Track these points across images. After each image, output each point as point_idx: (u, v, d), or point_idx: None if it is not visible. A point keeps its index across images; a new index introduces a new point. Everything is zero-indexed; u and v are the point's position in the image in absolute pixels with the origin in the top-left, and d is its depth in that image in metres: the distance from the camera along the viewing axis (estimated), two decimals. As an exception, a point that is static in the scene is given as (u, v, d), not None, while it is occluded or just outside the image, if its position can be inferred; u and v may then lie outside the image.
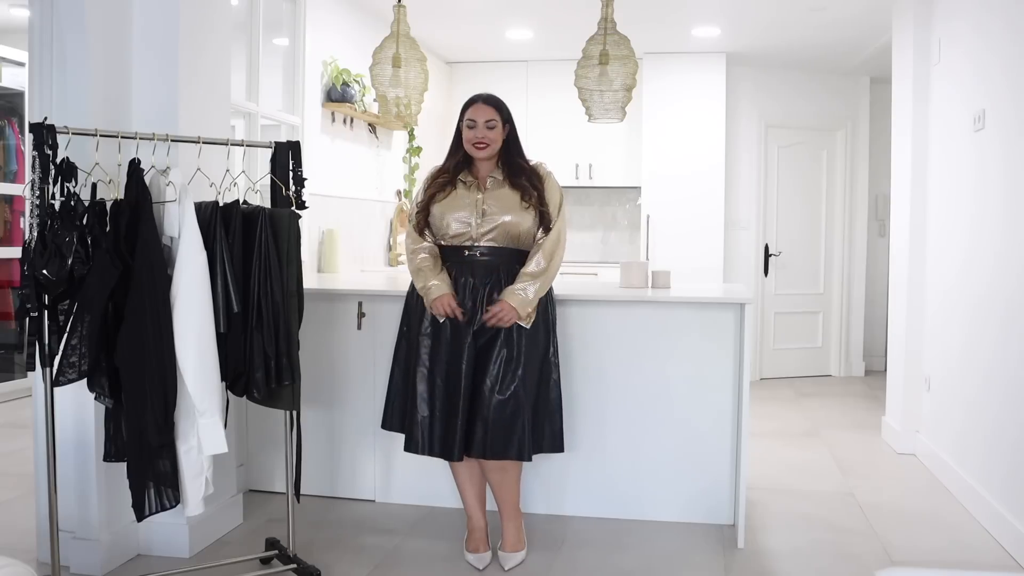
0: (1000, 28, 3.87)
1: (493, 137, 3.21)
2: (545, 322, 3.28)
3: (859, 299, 7.71)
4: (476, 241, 3.19)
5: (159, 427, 2.75)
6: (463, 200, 3.21)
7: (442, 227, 3.22)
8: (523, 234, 3.20)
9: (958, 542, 3.63)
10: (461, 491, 3.38)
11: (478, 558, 3.29)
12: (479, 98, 3.27)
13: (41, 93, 3.10)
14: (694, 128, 7.18)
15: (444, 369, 3.17)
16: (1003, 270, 3.71)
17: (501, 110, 3.26)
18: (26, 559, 3.05)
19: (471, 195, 3.22)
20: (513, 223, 3.18)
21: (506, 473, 3.27)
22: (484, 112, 3.22)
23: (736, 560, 3.37)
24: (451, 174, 3.26)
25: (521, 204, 3.19)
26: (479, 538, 3.33)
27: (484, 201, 3.19)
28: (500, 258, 3.20)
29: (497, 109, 3.24)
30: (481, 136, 3.20)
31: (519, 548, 3.33)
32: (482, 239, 3.18)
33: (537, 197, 3.21)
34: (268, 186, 3.15)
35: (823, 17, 5.87)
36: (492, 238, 3.18)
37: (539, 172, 3.28)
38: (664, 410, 3.76)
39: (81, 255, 2.64)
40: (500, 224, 3.17)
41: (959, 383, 4.27)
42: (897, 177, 5.25)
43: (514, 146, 3.30)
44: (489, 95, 3.30)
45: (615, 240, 7.93)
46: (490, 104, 3.25)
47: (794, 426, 5.70)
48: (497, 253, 3.19)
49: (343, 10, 5.87)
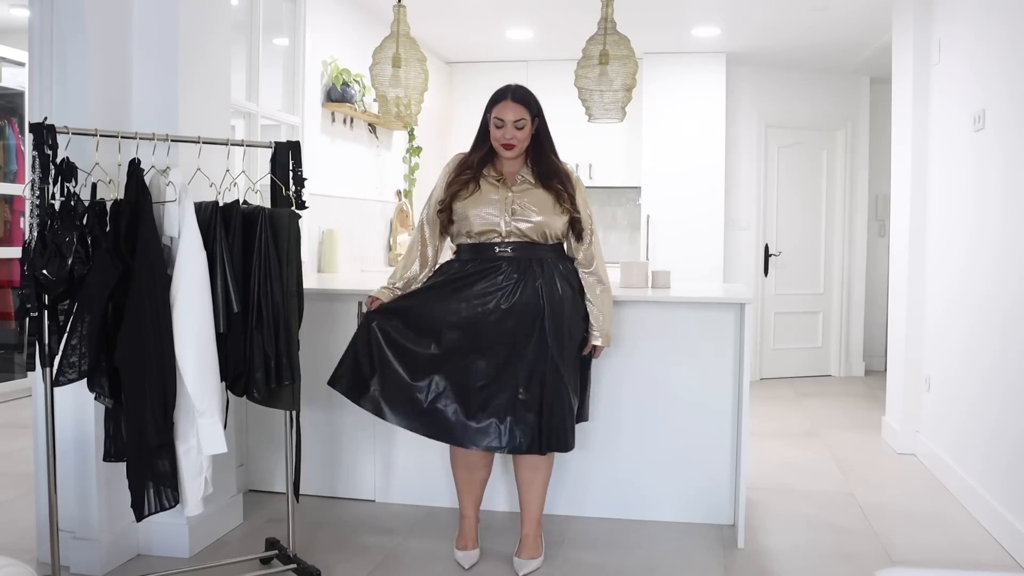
0: (1000, 29, 3.87)
1: (522, 137, 3.12)
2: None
3: (859, 299, 7.71)
4: (505, 238, 3.10)
5: (158, 427, 2.75)
6: (490, 197, 3.12)
7: (466, 223, 3.13)
8: (555, 234, 3.15)
9: (958, 542, 3.63)
10: (464, 486, 3.33)
11: (466, 556, 3.27)
12: (508, 93, 3.15)
13: (41, 93, 3.10)
14: (694, 128, 7.18)
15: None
16: (1005, 272, 3.71)
17: (531, 106, 3.14)
18: (26, 559, 3.05)
19: (499, 192, 3.13)
20: (546, 223, 3.11)
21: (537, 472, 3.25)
22: (513, 111, 3.10)
23: (736, 560, 3.37)
24: (475, 170, 3.17)
25: (554, 207, 3.12)
26: (471, 536, 3.32)
27: (514, 200, 3.11)
28: (527, 253, 3.11)
29: (527, 106, 3.13)
30: (510, 137, 3.10)
31: (536, 555, 3.26)
32: (511, 236, 3.10)
33: (570, 202, 3.14)
34: (268, 186, 3.15)
35: (823, 17, 5.87)
36: (522, 235, 3.10)
37: (571, 176, 3.22)
38: (664, 410, 3.76)
39: (81, 255, 2.63)
40: (535, 224, 3.10)
41: (960, 384, 4.27)
42: (897, 177, 5.25)
43: (546, 141, 3.20)
44: (519, 89, 3.18)
45: (615, 240, 7.93)
46: (519, 102, 3.12)
47: (794, 426, 5.70)
48: (524, 248, 3.11)
49: (343, 10, 5.87)
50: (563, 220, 3.14)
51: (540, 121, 3.19)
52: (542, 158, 3.19)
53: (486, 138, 3.18)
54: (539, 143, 3.19)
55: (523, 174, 3.18)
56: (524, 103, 3.14)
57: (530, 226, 3.10)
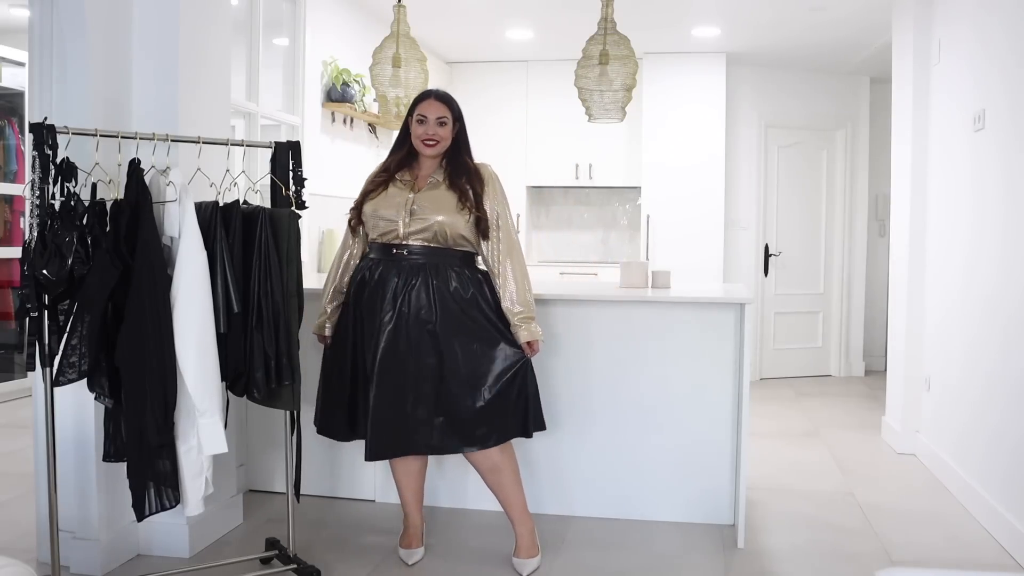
0: (1000, 29, 3.87)
1: (443, 135, 3.14)
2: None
3: (859, 299, 7.71)
4: (404, 240, 3.09)
5: (159, 427, 2.75)
6: (394, 199, 3.12)
7: (371, 224, 3.15)
8: (458, 236, 3.10)
9: (958, 541, 3.63)
10: (405, 486, 3.34)
11: (408, 553, 3.31)
12: (431, 94, 3.20)
13: (41, 93, 3.10)
14: (694, 128, 7.18)
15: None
16: (1007, 273, 3.70)
17: (453, 107, 3.18)
18: (26, 559, 3.05)
19: (403, 194, 3.13)
20: (446, 223, 3.07)
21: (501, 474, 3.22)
22: (436, 108, 3.14)
23: (736, 560, 3.37)
24: (391, 172, 3.20)
25: (457, 206, 3.09)
26: (414, 535, 3.35)
27: (415, 200, 3.10)
28: (430, 258, 3.09)
29: (448, 106, 3.17)
30: (432, 133, 3.13)
31: (533, 554, 3.25)
32: (410, 238, 3.09)
33: (474, 200, 3.11)
34: (268, 186, 3.15)
35: (823, 17, 5.87)
36: (424, 238, 3.09)
37: (482, 174, 3.18)
38: (664, 410, 3.76)
39: (81, 255, 2.63)
40: (432, 224, 3.07)
41: (963, 385, 4.26)
42: (897, 177, 5.25)
43: (463, 145, 3.22)
44: (441, 91, 3.24)
45: (615, 240, 7.94)
46: (442, 100, 3.17)
47: (794, 426, 5.70)
48: (428, 253, 3.09)
49: (343, 10, 5.87)
50: (465, 219, 3.10)
51: (461, 126, 3.21)
52: (456, 158, 3.19)
53: (405, 140, 3.21)
54: (456, 146, 3.20)
55: (435, 175, 3.18)
56: (446, 103, 3.18)
57: (426, 226, 3.08)
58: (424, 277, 3.07)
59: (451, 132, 3.17)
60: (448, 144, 3.18)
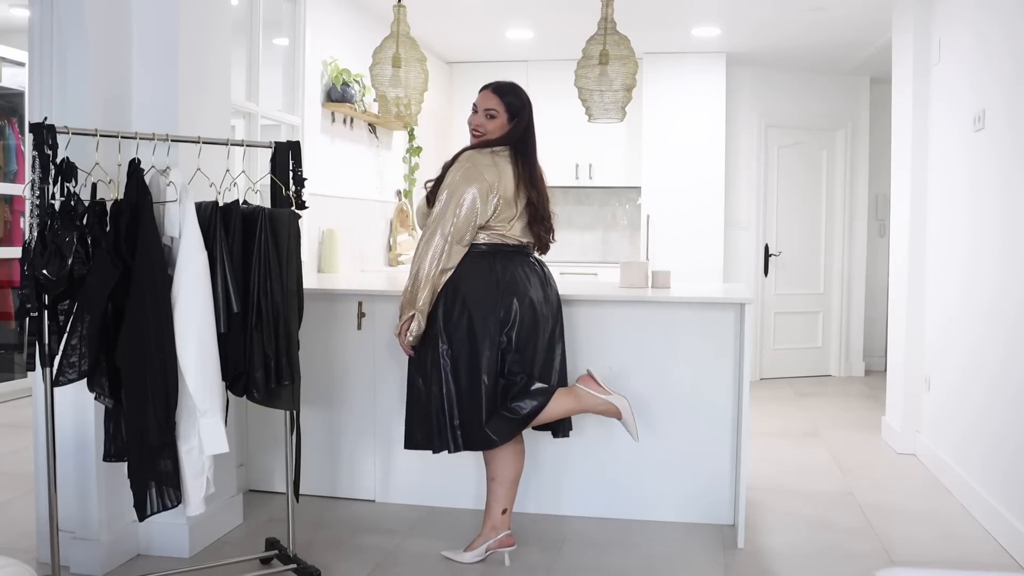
0: (999, 30, 3.87)
1: (490, 128, 3.13)
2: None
3: (859, 299, 7.71)
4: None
5: (160, 427, 2.75)
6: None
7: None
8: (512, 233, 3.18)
9: (958, 541, 3.63)
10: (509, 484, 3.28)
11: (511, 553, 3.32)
12: (489, 85, 3.21)
13: (41, 93, 3.10)
14: (694, 128, 7.18)
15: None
16: (1009, 274, 3.70)
17: (507, 102, 3.13)
18: (26, 559, 3.05)
19: None
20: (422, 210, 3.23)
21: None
22: (485, 100, 3.15)
23: (736, 560, 3.37)
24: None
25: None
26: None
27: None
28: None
29: (500, 98, 3.14)
30: (477, 123, 3.14)
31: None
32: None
33: (436, 182, 3.15)
34: (268, 186, 3.15)
35: (822, 17, 5.87)
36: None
37: (463, 155, 3.14)
38: (664, 410, 3.76)
39: (81, 255, 2.64)
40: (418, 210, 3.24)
41: (965, 386, 4.25)
42: (897, 177, 5.25)
43: (529, 140, 3.16)
44: (500, 84, 3.20)
45: (615, 240, 7.94)
46: (495, 92, 3.15)
47: (794, 426, 5.70)
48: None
49: (343, 10, 5.87)
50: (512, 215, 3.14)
51: (519, 123, 3.13)
52: (524, 158, 3.15)
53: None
54: (523, 145, 3.15)
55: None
56: (499, 94, 3.15)
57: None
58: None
59: (502, 127, 3.12)
60: (497, 135, 3.12)
